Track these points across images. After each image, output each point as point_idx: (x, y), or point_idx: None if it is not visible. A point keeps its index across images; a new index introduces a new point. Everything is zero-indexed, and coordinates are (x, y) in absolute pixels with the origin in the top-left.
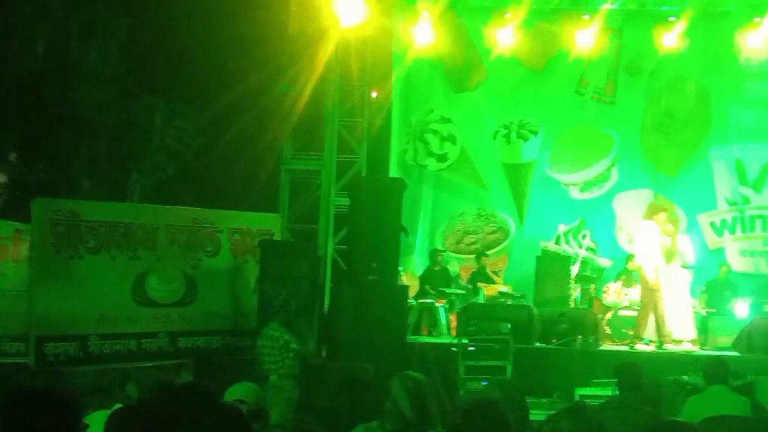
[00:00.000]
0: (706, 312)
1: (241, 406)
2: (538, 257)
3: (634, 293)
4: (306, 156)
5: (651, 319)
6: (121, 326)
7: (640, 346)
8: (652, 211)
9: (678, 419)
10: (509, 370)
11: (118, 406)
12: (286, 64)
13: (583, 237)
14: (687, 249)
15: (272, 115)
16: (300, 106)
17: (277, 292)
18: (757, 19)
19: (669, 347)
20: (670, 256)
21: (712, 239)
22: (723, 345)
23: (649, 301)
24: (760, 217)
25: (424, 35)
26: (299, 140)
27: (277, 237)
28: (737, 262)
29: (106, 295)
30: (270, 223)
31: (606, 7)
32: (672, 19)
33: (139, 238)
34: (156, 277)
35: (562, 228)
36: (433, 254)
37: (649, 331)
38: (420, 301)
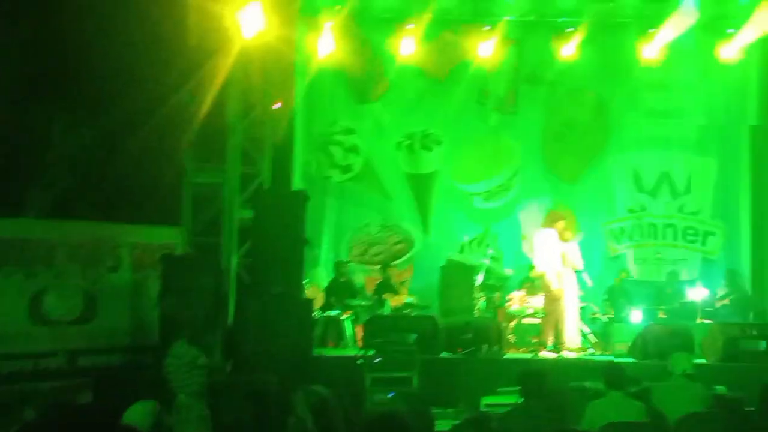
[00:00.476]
0: (607, 318)
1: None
2: (442, 267)
3: (538, 301)
4: (208, 168)
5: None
6: (17, 346)
7: (544, 353)
8: (551, 219)
9: (578, 429)
10: (415, 381)
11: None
12: (186, 75)
13: (487, 246)
14: (575, 255)
15: (174, 127)
16: (201, 118)
17: (181, 308)
18: (651, 30)
19: (569, 354)
20: (567, 263)
21: (612, 246)
22: (620, 351)
23: (553, 309)
24: (653, 225)
25: (327, 46)
26: (201, 152)
27: (179, 251)
28: (634, 269)
29: (0, 314)
30: (172, 237)
31: (506, 18)
32: (570, 30)
33: (35, 254)
34: (53, 295)
35: (466, 237)
36: (338, 266)
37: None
38: (325, 313)
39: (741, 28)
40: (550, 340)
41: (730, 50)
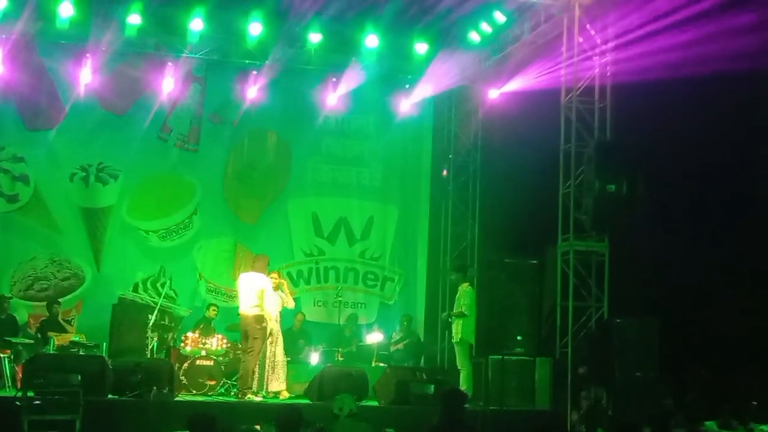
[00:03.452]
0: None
1: None
2: (114, 305)
3: (213, 342)
4: None
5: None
6: None
7: (253, 397)
8: (263, 264)
9: None
10: (78, 424)
11: None
12: None
13: (162, 285)
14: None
15: None
16: None
17: None
18: (333, 79)
19: (256, 398)
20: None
21: (289, 289)
22: (297, 393)
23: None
24: (334, 268)
25: None
26: None
27: None
28: (311, 312)
29: None
30: None
31: (190, 55)
32: (254, 72)
33: None
34: None
35: (140, 276)
36: None
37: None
38: None
39: (417, 83)
40: (255, 384)
41: (408, 103)
